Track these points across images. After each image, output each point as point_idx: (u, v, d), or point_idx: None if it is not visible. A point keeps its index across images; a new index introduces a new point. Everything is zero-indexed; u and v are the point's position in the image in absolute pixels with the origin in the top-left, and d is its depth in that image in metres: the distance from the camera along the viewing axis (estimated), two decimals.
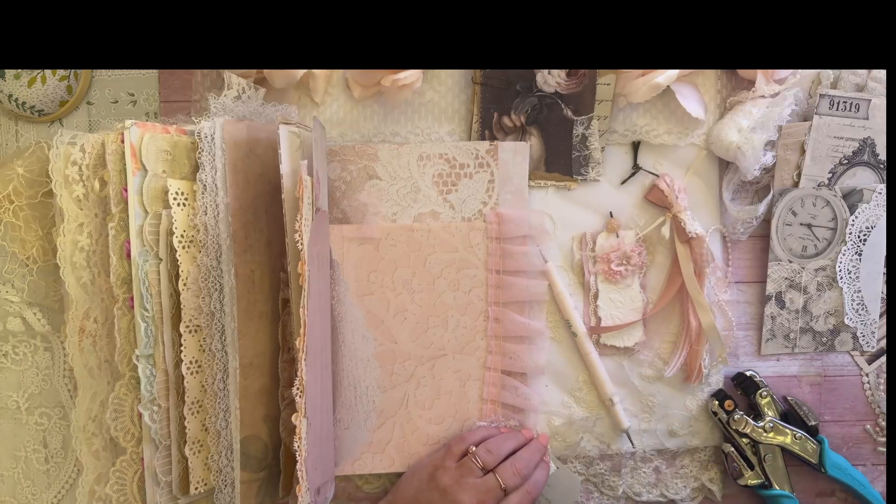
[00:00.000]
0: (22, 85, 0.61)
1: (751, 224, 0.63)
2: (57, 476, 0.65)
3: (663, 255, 0.64)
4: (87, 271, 0.57)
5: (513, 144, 0.63)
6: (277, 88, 0.61)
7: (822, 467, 0.64)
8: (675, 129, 0.64)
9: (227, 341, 0.55)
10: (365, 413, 0.62)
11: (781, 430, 0.63)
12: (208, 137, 0.54)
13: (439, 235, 0.62)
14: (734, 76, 0.63)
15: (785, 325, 0.65)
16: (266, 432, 0.56)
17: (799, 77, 0.62)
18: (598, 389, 0.64)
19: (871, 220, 0.64)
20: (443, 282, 0.63)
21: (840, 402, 0.66)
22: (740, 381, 0.65)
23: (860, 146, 0.63)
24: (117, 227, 0.55)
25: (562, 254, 0.64)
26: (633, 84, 0.61)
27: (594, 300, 0.64)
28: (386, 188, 0.62)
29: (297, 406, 0.49)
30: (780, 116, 0.61)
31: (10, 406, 0.64)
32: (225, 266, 0.54)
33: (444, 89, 0.63)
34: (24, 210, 0.60)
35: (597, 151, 0.63)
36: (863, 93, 0.63)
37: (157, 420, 0.55)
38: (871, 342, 0.66)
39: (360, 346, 0.62)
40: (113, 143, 0.55)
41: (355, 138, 0.64)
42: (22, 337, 0.64)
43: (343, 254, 0.62)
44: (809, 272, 0.65)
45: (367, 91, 0.62)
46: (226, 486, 0.56)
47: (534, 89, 0.62)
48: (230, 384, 0.55)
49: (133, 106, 0.66)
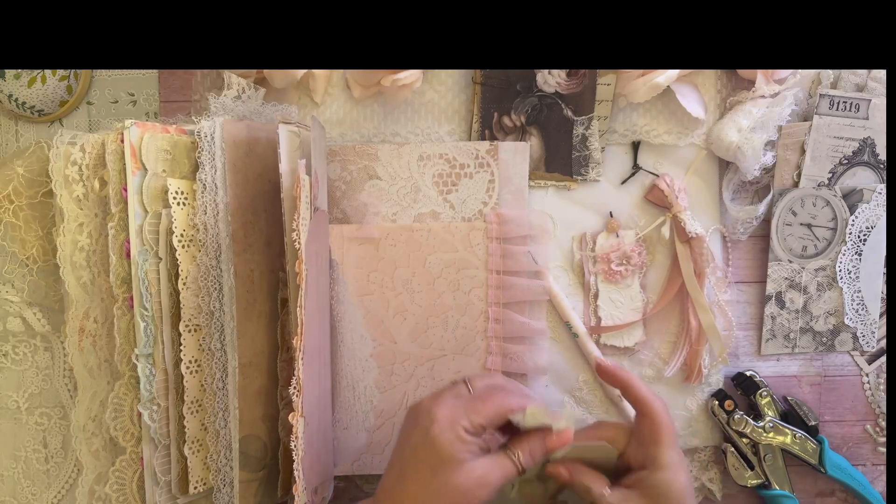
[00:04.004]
0: (22, 85, 0.61)
1: (751, 224, 0.63)
2: (57, 476, 0.65)
3: (663, 255, 0.64)
4: (87, 271, 0.57)
5: (513, 144, 0.63)
6: (277, 88, 0.61)
7: (822, 467, 0.63)
8: (675, 129, 0.64)
9: (226, 341, 0.55)
10: (364, 413, 0.62)
11: (781, 430, 0.63)
12: (208, 137, 0.55)
13: (439, 235, 0.62)
14: (734, 76, 0.63)
15: (785, 325, 0.65)
16: (265, 432, 0.56)
17: (799, 77, 0.62)
18: (605, 387, 0.64)
19: (871, 220, 0.64)
20: (443, 282, 0.63)
21: (840, 402, 0.66)
22: (740, 381, 0.65)
23: (860, 146, 0.63)
24: (117, 227, 0.55)
25: (562, 254, 0.64)
26: (633, 84, 0.61)
27: (594, 300, 0.64)
28: (386, 188, 0.62)
29: (294, 405, 0.49)
30: (780, 116, 0.61)
31: (10, 406, 0.64)
32: (224, 265, 0.54)
33: (444, 89, 0.63)
34: (24, 210, 0.60)
35: (597, 151, 0.63)
36: (863, 93, 0.63)
37: (156, 419, 0.55)
38: (871, 342, 0.66)
39: (359, 346, 0.62)
40: (113, 143, 0.55)
41: (355, 138, 0.64)
42: (22, 337, 0.64)
43: (343, 253, 0.62)
44: (809, 272, 0.65)
45: (367, 91, 0.62)
46: (225, 485, 0.56)
47: (534, 89, 0.62)
48: (229, 383, 0.55)
49: (133, 106, 0.66)
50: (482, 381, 0.52)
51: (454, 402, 0.49)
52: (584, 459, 0.52)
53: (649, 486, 0.50)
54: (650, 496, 0.50)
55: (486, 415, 0.48)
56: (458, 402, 0.49)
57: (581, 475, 0.51)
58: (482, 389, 0.51)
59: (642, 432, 0.52)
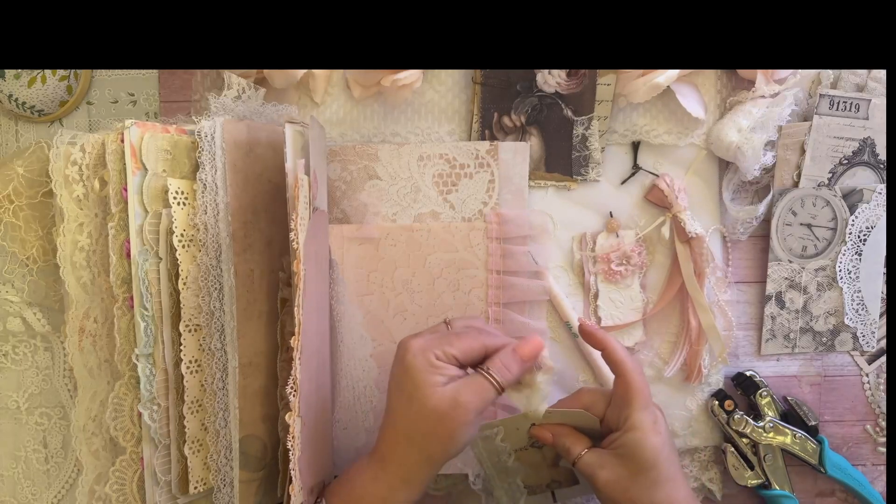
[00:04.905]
0: (22, 85, 0.61)
1: (751, 224, 0.63)
2: (57, 476, 0.65)
3: (663, 255, 0.64)
4: (87, 271, 0.57)
5: (513, 144, 0.63)
6: (277, 88, 0.61)
7: (822, 467, 0.63)
8: (675, 129, 0.64)
9: (226, 340, 0.55)
10: (363, 413, 0.62)
11: (781, 430, 0.63)
12: (208, 137, 0.55)
13: (439, 235, 0.62)
14: (734, 76, 0.63)
15: (785, 325, 0.65)
16: (265, 432, 0.56)
17: (799, 77, 0.62)
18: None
19: (871, 220, 0.64)
20: (443, 282, 0.63)
21: (840, 402, 0.66)
22: (740, 381, 0.65)
23: (860, 146, 0.63)
24: (117, 227, 0.55)
25: (562, 254, 0.64)
26: (633, 84, 0.61)
27: (594, 300, 0.64)
28: (386, 188, 0.62)
29: (291, 405, 0.49)
30: (780, 116, 0.61)
31: (10, 406, 0.64)
32: (224, 265, 0.54)
33: (444, 89, 0.63)
34: (24, 210, 0.60)
35: (597, 151, 0.63)
36: (863, 93, 0.63)
37: (156, 419, 0.55)
38: (871, 342, 0.66)
39: (359, 347, 0.62)
40: (113, 143, 0.55)
41: (355, 138, 0.64)
42: (22, 337, 0.64)
43: (343, 254, 0.62)
44: (809, 272, 0.65)
45: (367, 91, 0.62)
46: (225, 485, 0.56)
47: (534, 89, 0.62)
48: (229, 383, 0.55)
49: (133, 106, 0.66)
50: (461, 321, 0.55)
51: (430, 335, 0.52)
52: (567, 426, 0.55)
53: (620, 446, 0.52)
54: (621, 456, 0.52)
55: (460, 347, 0.50)
56: (434, 336, 0.52)
57: (563, 437, 0.55)
58: (459, 327, 0.54)
59: (616, 394, 0.54)
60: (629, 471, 0.51)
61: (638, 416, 0.52)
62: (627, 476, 0.51)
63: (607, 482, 0.51)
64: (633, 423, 0.52)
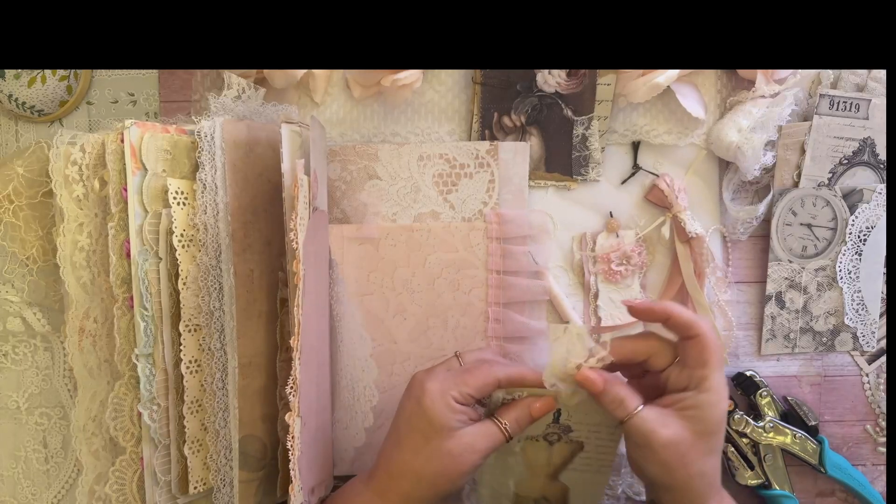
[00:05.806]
0: (22, 85, 0.61)
1: (751, 224, 0.63)
2: (57, 476, 0.65)
3: (663, 255, 0.64)
4: (87, 271, 0.57)
5: (513, 144, 0.63)
6: (277, 88, 0.61)
7: (822, 467, 0.63)
8: (675, 129, 0.64)
9: (226, 340, 0.55)
10: (363, 413, 0.62)
11: (781, 430, 0.63)
12: (208, 137, 0.55)
13: (439, 235, 0.62)
14: (734, 76, 0.63)
15: (785, 325, 0.65)
16: (265, 432, 0.56)
17: (799, 77, 0.62)
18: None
19: (871, 220, 0.64)
20: (443, 282, 0.63)
21: (840, 402, 0.66)
22: (740, 381, 0.65)
23: (860, 146, 0.63)
24: (117, 227, 0.55)
25: (562, 254, 0.65)
26: (633, 84, 0.61)
27: (594, 300, 0.64)
28: (386, 188, 0.62)
29: (291, 405, 0.49)
30: (780, 116, 0.61)
31: (10, 406, 0.64)
32: (224, 265, 0.54)
33: (444, 89, 0.63)
34: (24, 210, 0.60)
35: (597, 151, 0.63)
36: (863, 93, 0.63)
37: (156, 419, 0.55)
38: (871, 342, 0.66)
39: (358, 346, 0.62)
40: (113, 143, 0.55)
41: (355, 138, 0.64)
42: (22, 337, 0.64)
43: (343, 253, 0.62)
44: (809, 272, 0.65)
45: (367, 91, 0.62)
46: (224, 485, 0.56)
47: (534, 89, 0.62)
48: (229, 383, 0.55)
49: (133, 106, 0.66)
50: (472, 355, 0.56)
51: (445, 374, 0.52)
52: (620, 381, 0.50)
53: (691, 407, 0.48)
54: (690, 417, 0.48)
55: (475, 385, 0.51)
56: (449, 375, 0.52)
57: (617, 386, 0.49)
58: (471, 362, 0.55)
59: (689, 355, 0.50)
60: (693, 433, 0.48)
61: (716, 377, 0.49)
62: (689, 438, 0.48)
63: (669, 442, 0.47)
64: (710, 384, 0.48)
